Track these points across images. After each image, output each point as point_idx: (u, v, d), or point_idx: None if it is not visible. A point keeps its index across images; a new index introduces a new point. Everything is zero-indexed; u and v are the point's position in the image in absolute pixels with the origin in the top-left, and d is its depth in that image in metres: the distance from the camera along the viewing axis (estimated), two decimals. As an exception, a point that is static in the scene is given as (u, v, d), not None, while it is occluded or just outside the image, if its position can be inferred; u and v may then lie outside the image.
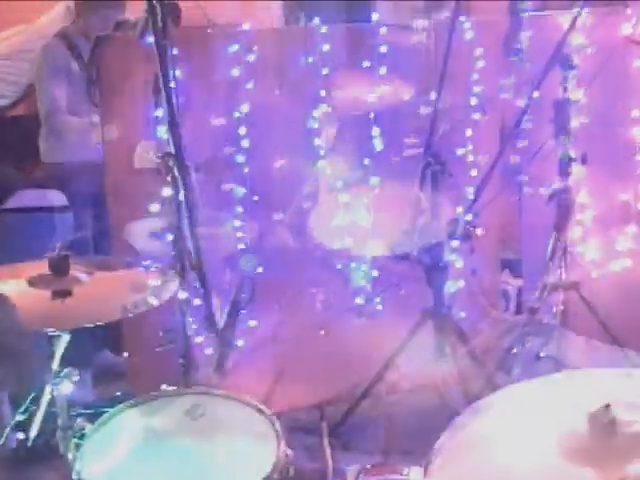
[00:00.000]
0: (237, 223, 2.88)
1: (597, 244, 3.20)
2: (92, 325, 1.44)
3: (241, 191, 2.86)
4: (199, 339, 1.98)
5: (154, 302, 1.58)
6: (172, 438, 1.52)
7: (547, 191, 2.95)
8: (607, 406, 1.31)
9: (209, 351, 1.86)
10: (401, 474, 1.87)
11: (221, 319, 1.71)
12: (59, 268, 1.58)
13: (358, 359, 3.04)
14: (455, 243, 3.21)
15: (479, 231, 2.82)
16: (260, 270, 2.72)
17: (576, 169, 2.90)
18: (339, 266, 3.28)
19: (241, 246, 2.89)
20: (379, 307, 3.33)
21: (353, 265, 3.30)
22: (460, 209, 2.86)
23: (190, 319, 1.79)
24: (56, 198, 3.60)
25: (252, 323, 2.71)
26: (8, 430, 2.16)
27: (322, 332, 2.82)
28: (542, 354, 2.12)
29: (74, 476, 1.41)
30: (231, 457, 1.48)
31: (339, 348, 3.03)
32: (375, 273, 3.31)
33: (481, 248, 3.10)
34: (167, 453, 1.49)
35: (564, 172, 2.90)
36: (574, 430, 1.32)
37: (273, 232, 2.88)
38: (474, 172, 3.17)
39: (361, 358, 3.03)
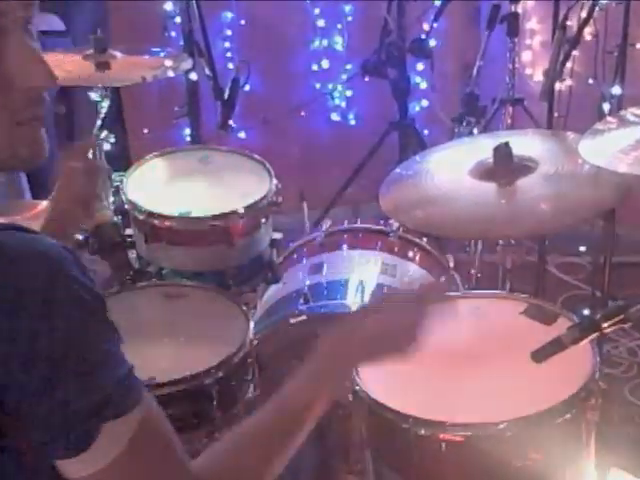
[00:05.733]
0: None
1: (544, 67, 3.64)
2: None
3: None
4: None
5: (171, 73, 2.05)
6: (190, 176, 2.05)
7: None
8: (507, 142, 1.83)
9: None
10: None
11: (225, 91, 2.21)
12: (101, 45, 2.04)
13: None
14: (419, 66, 3.69)
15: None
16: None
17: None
18: (318, 86, 3.75)
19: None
20: (352, 122, 3.84)
21: (330, 86, 3.78)
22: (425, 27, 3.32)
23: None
24: (54, 22, 3.50)
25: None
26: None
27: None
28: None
29: (124, 198, 1.93)
30: (234, 186, 2.02)
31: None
32: (349, 93, 3.80)
33: (442, 68, 3.57)
34: (189, 185, 2.03)
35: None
36: (482, 161, 1.85)
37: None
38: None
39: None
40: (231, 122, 2.37)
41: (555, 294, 2.70)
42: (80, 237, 1.93)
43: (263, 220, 1.98)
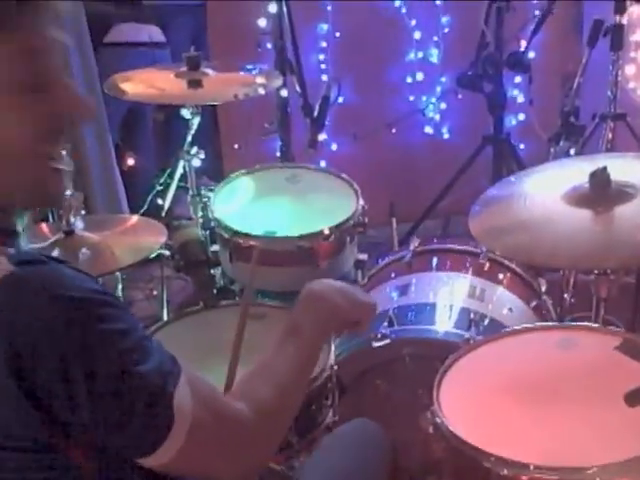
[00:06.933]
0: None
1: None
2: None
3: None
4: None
5: (262, 91, 2.05)
6: (277, 194, 2.04)
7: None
8: (604, 168, 1.75)
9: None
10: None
11: (315, 109, 2.20)
12: (194, 63, 2.06)
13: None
14: (517, 79, 3.59)
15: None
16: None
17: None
18: (412, 98, 3.70)
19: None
20: (446, 136, 3.77)
21: (424, 98, 3.72)
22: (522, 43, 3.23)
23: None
24: (154, 34, 3.63)
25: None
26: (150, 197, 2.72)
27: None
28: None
29: (210, 215, 1.94)
30: (320, 206, 2.00)
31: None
32: (443, 105, 3.73)
33: (541, 81, 3.45)
34: (276, 203, 2.02)
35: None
36: (577, 186, 1.76)
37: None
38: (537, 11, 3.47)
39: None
40: (320, 139, 2.36)
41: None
42: (166, 254, 1.96)
43: (348, 240, 1.95)
